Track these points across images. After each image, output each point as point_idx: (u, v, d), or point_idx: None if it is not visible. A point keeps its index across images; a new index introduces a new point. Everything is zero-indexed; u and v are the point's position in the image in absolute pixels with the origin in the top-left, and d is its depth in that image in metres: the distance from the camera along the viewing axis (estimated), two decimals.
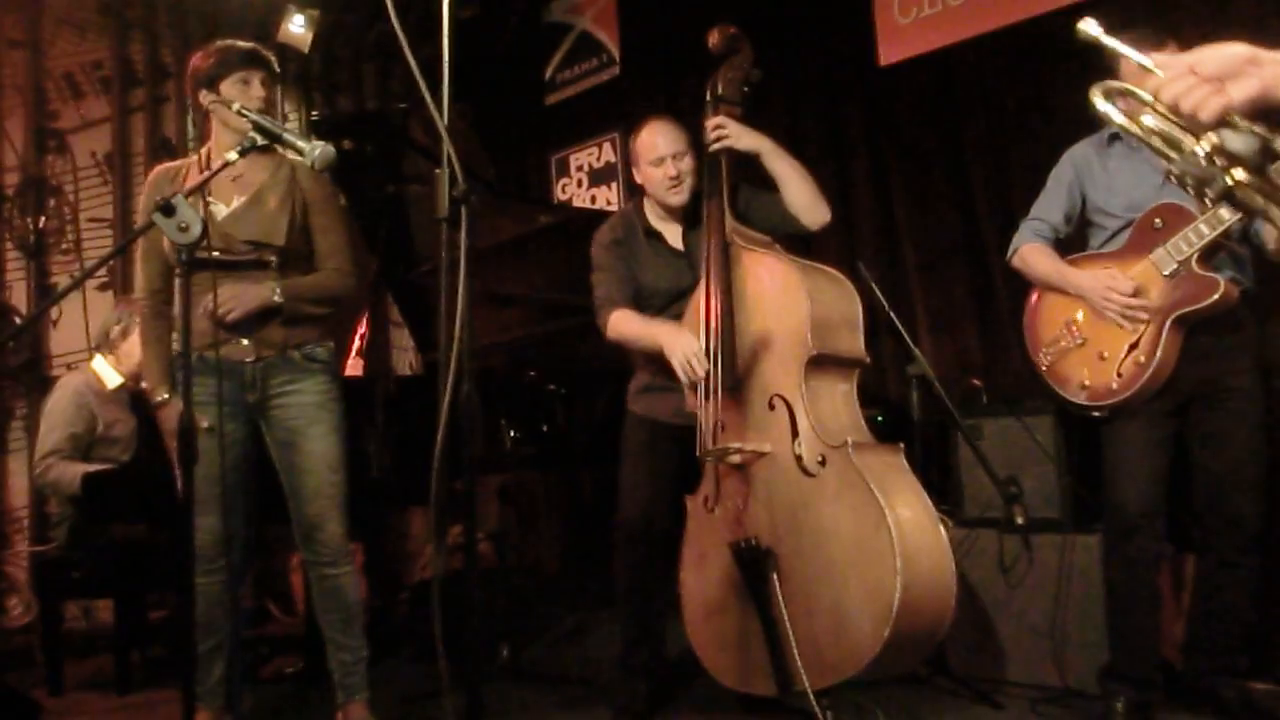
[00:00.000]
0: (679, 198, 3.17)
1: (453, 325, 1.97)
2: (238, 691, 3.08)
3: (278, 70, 3.05)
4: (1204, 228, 2.65)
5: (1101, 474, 2.93)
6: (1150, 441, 2.80)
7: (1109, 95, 1.64)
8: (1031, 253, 3.01)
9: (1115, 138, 2.94)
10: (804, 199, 3.08)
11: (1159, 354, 2.70)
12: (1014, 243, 3.08)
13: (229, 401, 2.89)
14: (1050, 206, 3.04)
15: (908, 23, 4.59)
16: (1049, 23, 4.09)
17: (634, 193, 3.42)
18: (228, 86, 2.90)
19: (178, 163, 3.12)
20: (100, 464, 4.02)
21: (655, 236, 3.25)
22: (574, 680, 3.75)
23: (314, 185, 3.03)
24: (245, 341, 2.92)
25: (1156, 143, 1.50)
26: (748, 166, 3.15)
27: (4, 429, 5.10)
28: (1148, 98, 1.45)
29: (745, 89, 3.16)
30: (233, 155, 2.51)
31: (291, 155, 2.83)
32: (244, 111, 2.62)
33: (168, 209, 2.30)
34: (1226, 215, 2.59)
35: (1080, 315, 2.87)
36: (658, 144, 3.15)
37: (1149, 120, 1.49)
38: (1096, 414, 2.83)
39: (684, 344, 2.92)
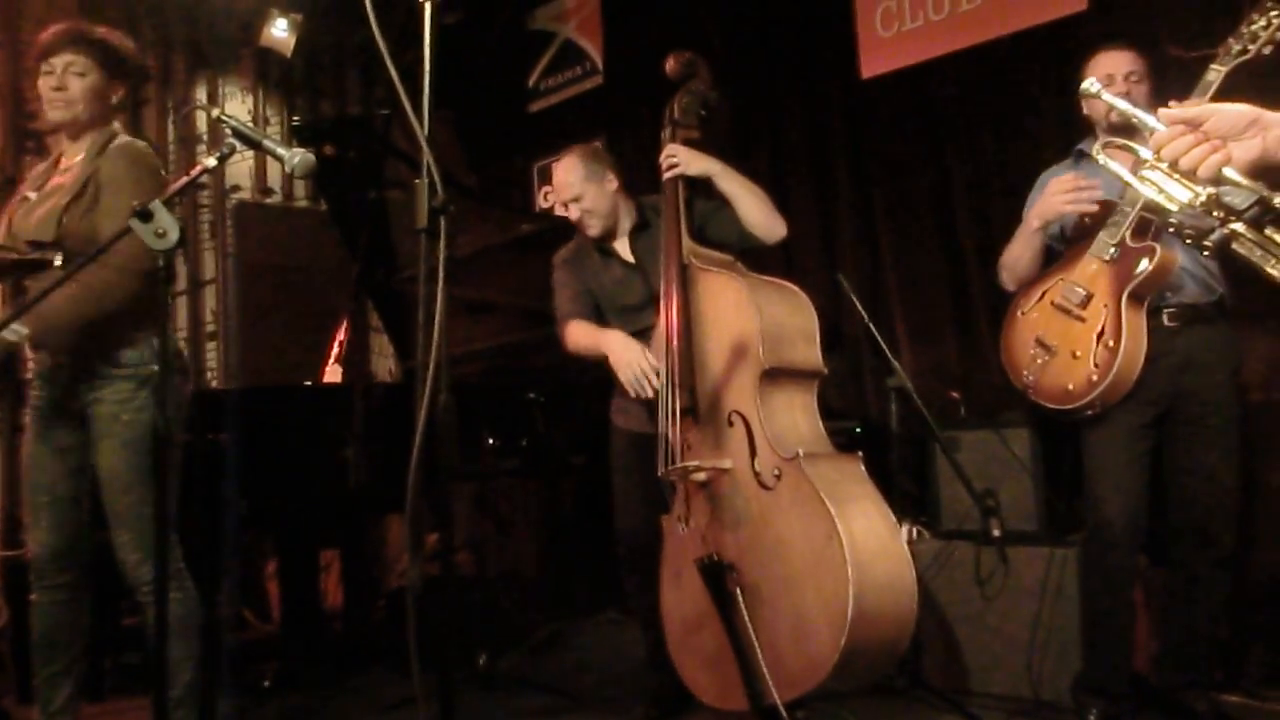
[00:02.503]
0: (593, 232, 3.34)
1: (431, 335, 1.95)
2: (213, 701, 3.04)
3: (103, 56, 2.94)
4: (1125, 207, 2.75)
5: (1079, 487, 2.95)
6: (1132, 456, 2.83)
7: (1110, 150, 1.73)
8: (1006, 251, 3.09)
9: (1081, 156, 3.00)
10: (757, 216, 3.17)
11: (1124, 336, 2.75)
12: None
13: (54, 408, 2.86)
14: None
15: (889, 36, 4.61)
16: (1029, 38, 4.13)
17: None
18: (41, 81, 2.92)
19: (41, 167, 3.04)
20: None
21: (605, 252, 3.38)
22: (552, 689, 3.74)
23: (109, 166, 2.83)
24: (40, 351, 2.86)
25: (1154, 195, 1.56)
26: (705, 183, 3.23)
27: None
28: (1147, 154, 1.52)
29: (702, 112, 3.27)
30: (211, 161, 2.48)
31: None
32: (223, 119, 2.59)
33: (145, 215, 2.28)
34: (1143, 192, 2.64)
35: (1047, 330, 2.90)
36: (558, 190, 3.39)
37: (1148, 173, 1.56)
38: (1089, 412, 2.84)
39: (631, 355, 3.03)
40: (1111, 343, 2.76)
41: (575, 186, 3.30)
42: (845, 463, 2.83)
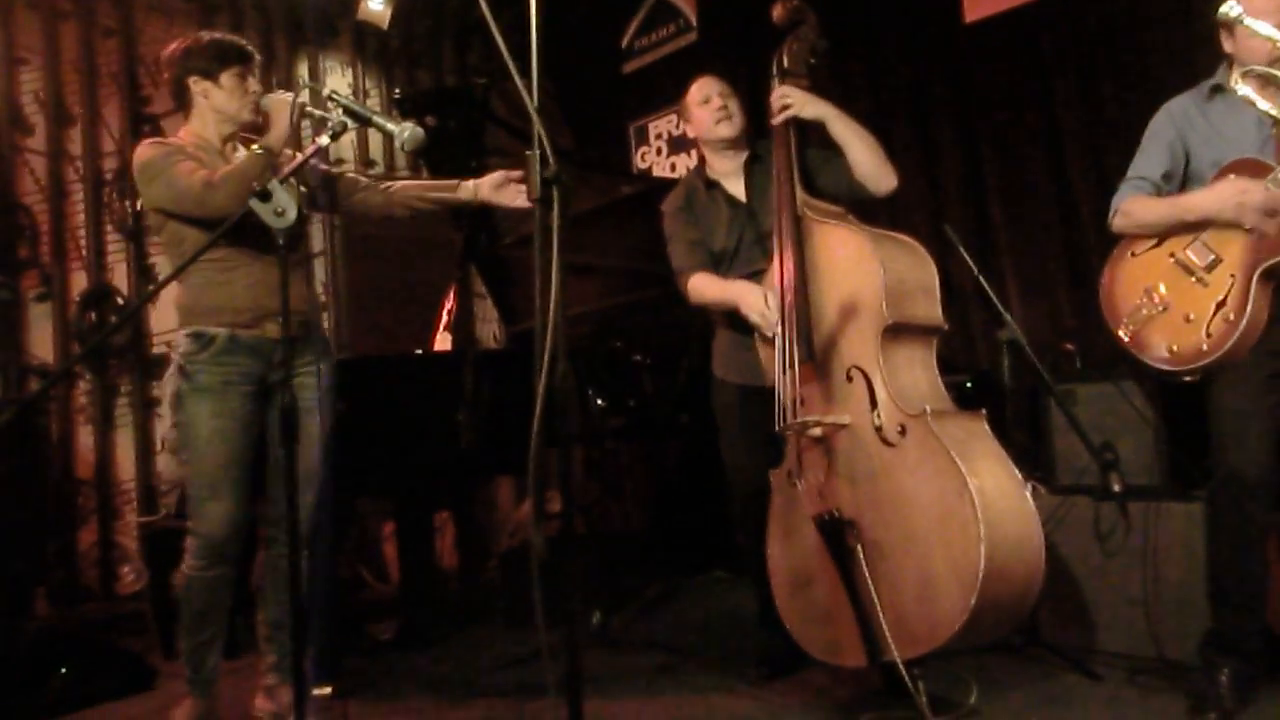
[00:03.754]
0: (728, 129, 3.30)
1: (547, 303, 1.98)
2: (332, 661, 3.13)
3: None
4: (1270, 186, 2.58)
5: (1205, 441, 2.85)
6: (1260, 407, 2.70)
7: (1253, 80, 1.66)
8: (1136, 202, 2.89)
9: (1216, 90, 2.83)
10: (869, 165, 3.11)
11: (1249, 310, 2.62)
12: (1113, 204, 2.95)
13: (248, 379, 2.96)
14: (1150, 164, 2.91)
15: None
16: None
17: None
18: (227, 79, 3.00)
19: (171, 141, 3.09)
20: None
21: (715, 186, 3.33)
22: (663, 646, 3.80)
23: None
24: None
25: None
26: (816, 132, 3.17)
27: (111, 406, 5.29)
28: None
29: (811, 60, 3.19)
30: (324, 139, 2.56)
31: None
32: (334, 96, 2.66)
33: (264, 195, 2.38)
34: None
35: (1162, 284, 2.78)
36: (703, 87, 3.34)
37: None
38: (1187, 378, 2.75)
39: (755, 299, 3.01)
40: (1232, 316, 2.64)
41: (722, 84, 3.33)
42: (970, 420, 2.80)
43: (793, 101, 3.09)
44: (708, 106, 3.30)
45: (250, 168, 2.79)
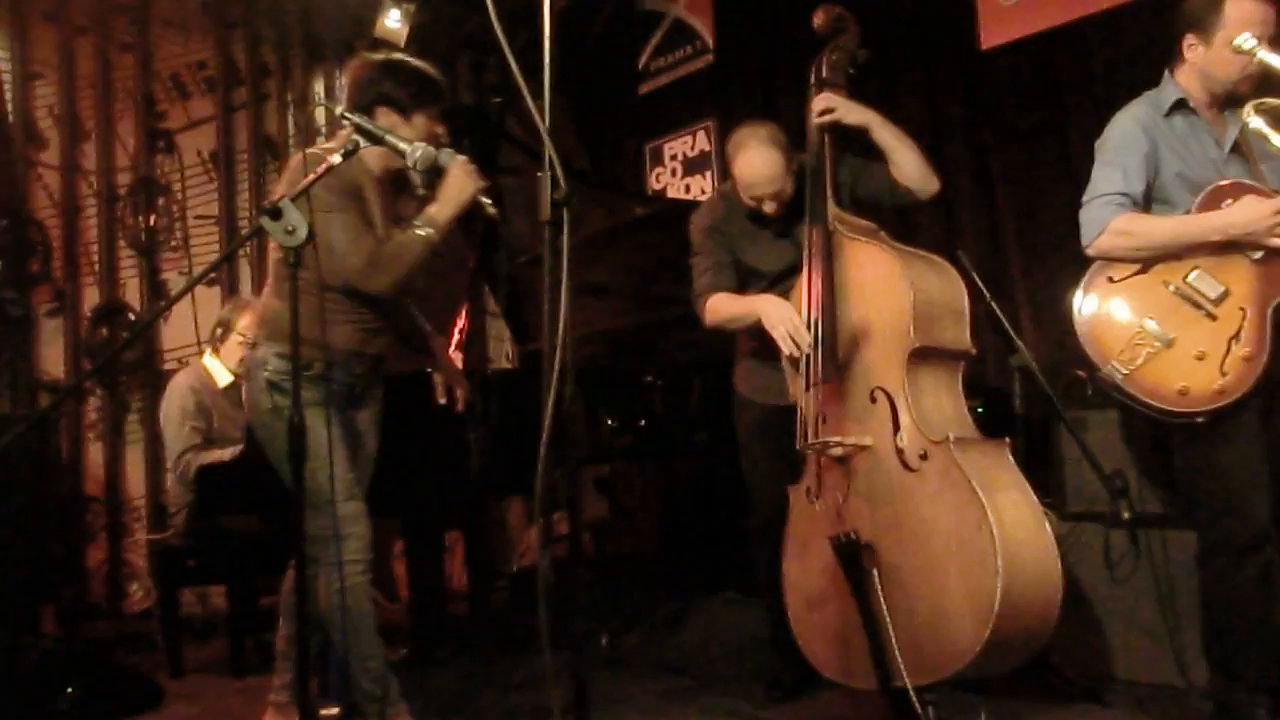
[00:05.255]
0: (774, 213, 3.19)
1: (555, 328, 1.98)
2: (340, 681, 3.12)
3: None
4: None
5: (1191, 479, 2.74)
6: (1262, 445, 2.61)
7: (1265, 115, 1.63)
8: (1134, 221, 2.69)
9: (1177, 107, 2.72)
10: (915, 168, 3.09)
11: (1266, 348, 2.51)
12: (1095, 224, 2.75)
13: (349, 397, 2.98)
14: (1130, 180, 2.70)
15: (1010, 4, 4.48)
16: (1156, 2, 3.96)
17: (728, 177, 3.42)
18: (421, 120, 2.87)
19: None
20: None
21: (757, 218, 3.24)
22: (673, 669, 3.78)
23: None
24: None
25: None
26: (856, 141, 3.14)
27: (121, 422, 5.31)
28: None
29: (851, 70, 3.14)
30: (336, 159, 2.55)
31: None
32: (347, 115, 2.66)
33: (274, 213, 2.36)
34: None
35: (1159, 317, 2.63)
36: (757, 184, 3.12)
37: None
38: (1200, 419, 2.59)
39: (784, 314, 2.95)
40: (1249, 351, 2.51)
41: (779, 180, 3.10)
42: (993, 449, 2.78)
43: (836, 106, 3.04)
44: (755, 202, 3.16)
45: (411, 252, 2.77)
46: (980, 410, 3.92)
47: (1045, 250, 4.39)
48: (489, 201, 2.82)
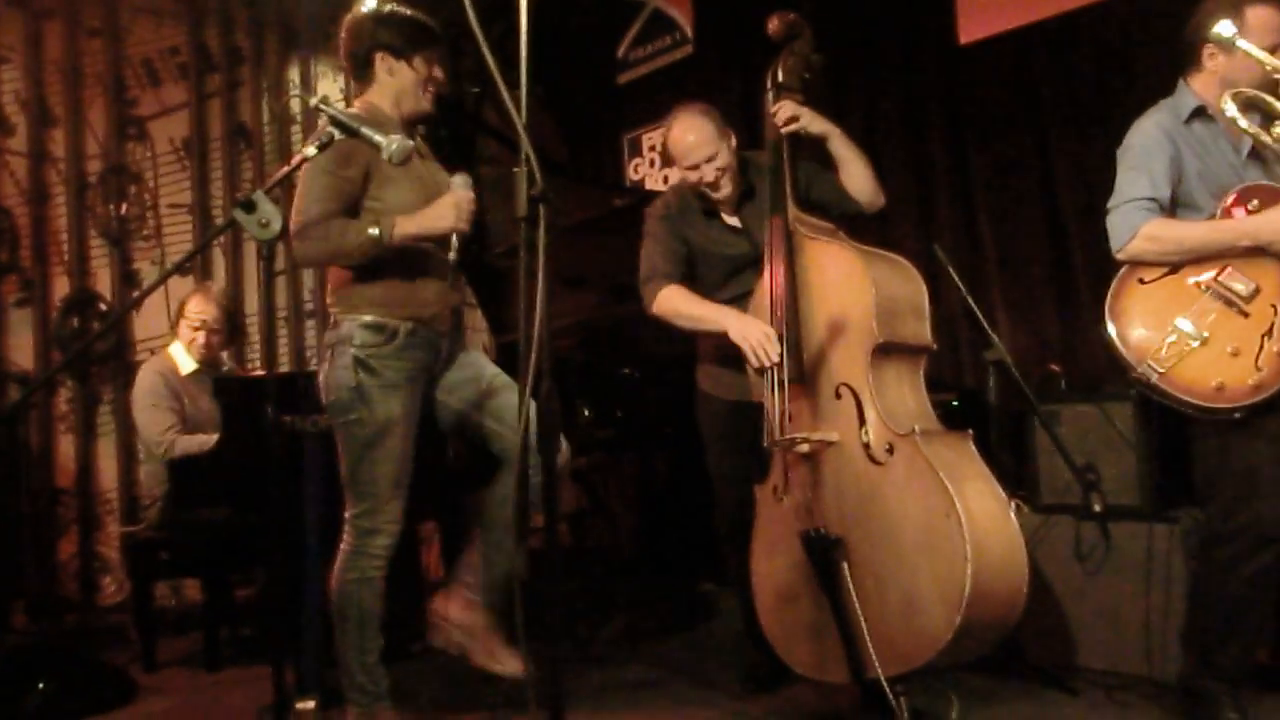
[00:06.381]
0: (723, 193, 3.21)
1: (532, 320, 1.98)
2: (316, 674, 3.12)
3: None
4: None
5: (1183, 462, 2.82)
6: None
7: (1239, 102, 1.64)
8: (1165, 226, 2.70)
9: (1196, 114, 2.77)
10: (866, 183, 3.19)
11: None
12: (1125, 229, 2.74)
13: (416, 379, 2.88)
14: (1157, 185, 2.73)
15: None
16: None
17: None
18: (420, 62, 2.91)
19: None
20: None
21: (711, 214, 3.28)
22: (647, 660, 3.79)
23: None
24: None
25: None
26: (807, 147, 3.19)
27: (93, 414, 5.25)
28: None
29: (806, 75, 3.18)
30: (310, 150, 2.53)
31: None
32: (322, 106, 2.61)
33: (248, 205, 2.33)
34: None
35: (1192, 315, 2.64)
36: (689, 152, 3.16)
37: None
38: (1238, 415, 2.60)
39: (752, 329, 2.95)
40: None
41: (710, 144, 3.13)
42: (958, 440, 2.81)
43: (801, 115, 3.09)
44: (695, 174, 3.18)
45: (340, 242, 2.70)
46: (955, 404, 3.96)
47: (1021, 246, 4.42)
48: (458, 247, 2.71)
